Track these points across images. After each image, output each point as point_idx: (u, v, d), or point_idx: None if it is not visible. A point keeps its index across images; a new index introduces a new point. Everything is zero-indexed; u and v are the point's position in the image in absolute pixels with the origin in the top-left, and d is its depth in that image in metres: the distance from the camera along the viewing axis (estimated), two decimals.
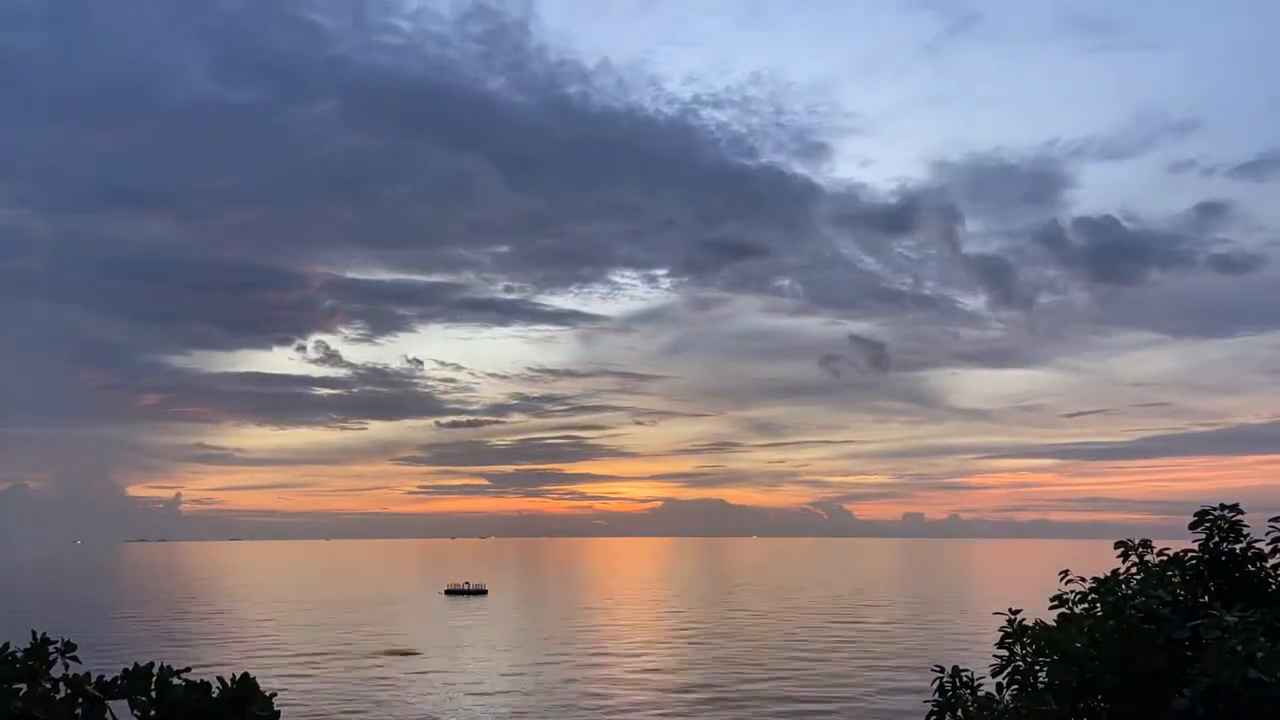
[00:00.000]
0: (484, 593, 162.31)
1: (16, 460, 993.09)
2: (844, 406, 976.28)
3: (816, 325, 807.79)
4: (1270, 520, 10.27)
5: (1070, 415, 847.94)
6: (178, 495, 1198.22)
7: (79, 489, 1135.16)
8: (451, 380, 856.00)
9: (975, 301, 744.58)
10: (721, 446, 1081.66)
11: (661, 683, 70.65)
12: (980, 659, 11.92)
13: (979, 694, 10.37)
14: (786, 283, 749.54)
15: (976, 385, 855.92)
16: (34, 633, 7.29)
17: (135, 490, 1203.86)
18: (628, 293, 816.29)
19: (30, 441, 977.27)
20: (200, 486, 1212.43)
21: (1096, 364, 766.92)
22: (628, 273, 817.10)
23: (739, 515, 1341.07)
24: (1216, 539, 10.64)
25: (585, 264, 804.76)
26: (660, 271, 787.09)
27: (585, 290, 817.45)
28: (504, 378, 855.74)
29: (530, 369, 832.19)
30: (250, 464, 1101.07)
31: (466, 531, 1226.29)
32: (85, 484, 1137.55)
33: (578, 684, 70.02)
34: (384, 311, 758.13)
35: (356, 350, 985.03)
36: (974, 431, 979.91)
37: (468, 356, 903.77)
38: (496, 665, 78.50)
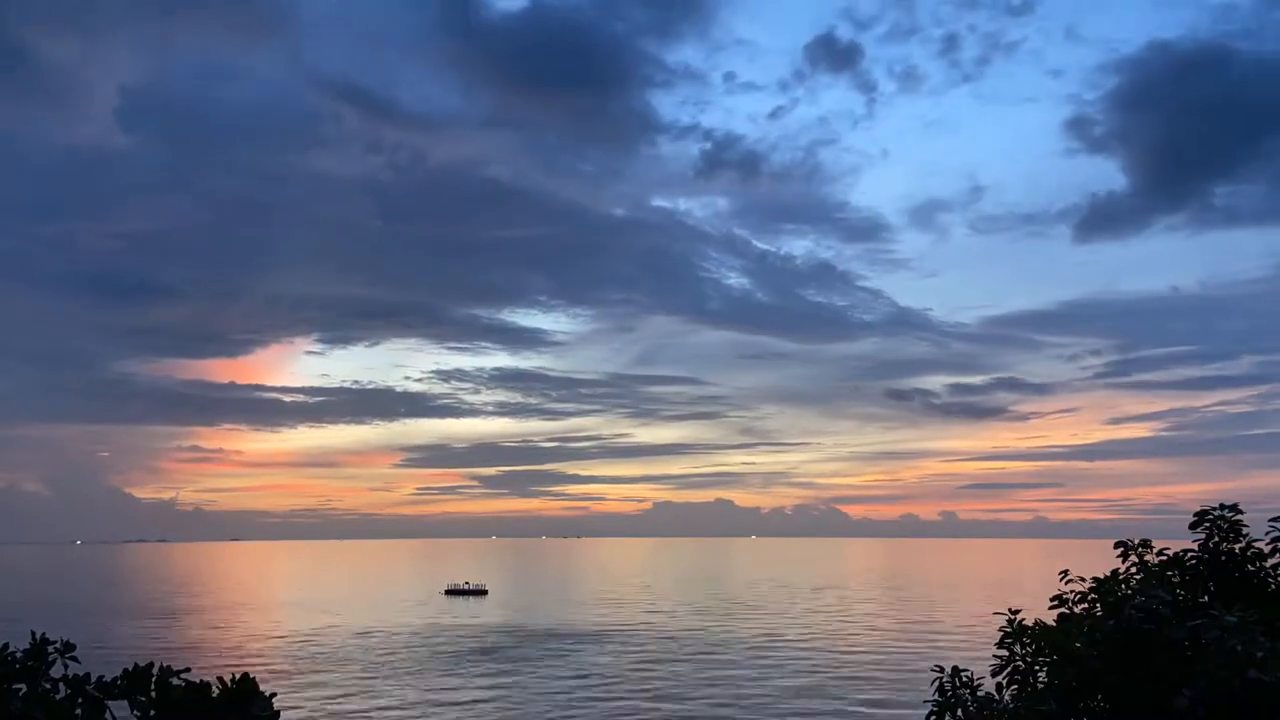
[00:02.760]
0: (484, 593, 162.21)
1: (16, 461, 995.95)
2: (828, 412, 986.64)
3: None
4: (1270, 520, 10.28)
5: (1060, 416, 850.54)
6: (176, 496, 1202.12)
7: (78, 490, 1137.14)
8: (440, 386, 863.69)
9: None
10: (709, 449, 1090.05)
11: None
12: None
13: (979, 694, 10.37)
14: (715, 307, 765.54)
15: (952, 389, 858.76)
16: (33, 633, 7.30)
17: (135, 491, 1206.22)
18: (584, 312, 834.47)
19: (30, 442, 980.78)
20: (199, 487, 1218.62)
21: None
22: (588, 293, 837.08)
23: (735, 516, 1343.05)
24: (1216, 539, 10.63)
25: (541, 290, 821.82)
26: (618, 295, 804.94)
27: (547, 309, 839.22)
28: (488, 385, 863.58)
29: (514, 376, 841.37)
30: (249, 465, 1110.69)
31: (465, 533, 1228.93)
32: (84, 485, 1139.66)
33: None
34: (364, 324, 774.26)
35: (343, 358, 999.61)
36: (961, 435, 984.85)
37: (450, 365, 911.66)
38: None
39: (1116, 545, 11.03)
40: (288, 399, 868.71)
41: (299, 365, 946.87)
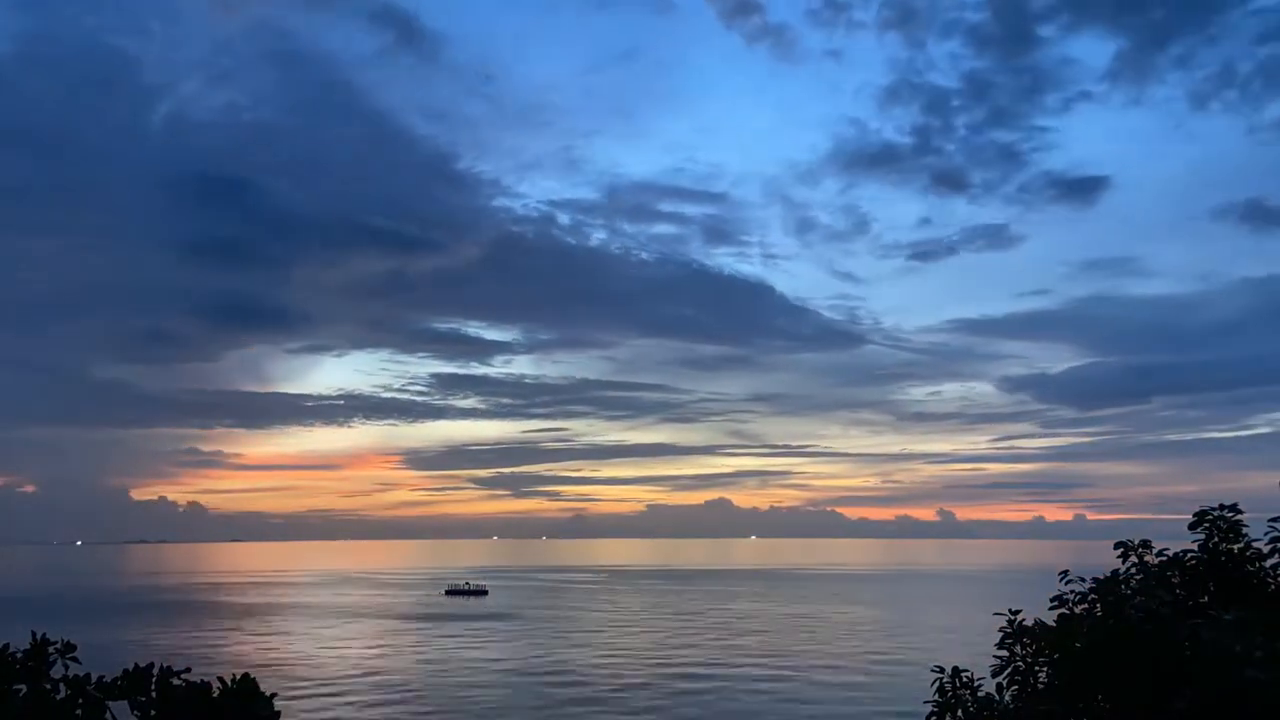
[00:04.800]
0: (484, 593, 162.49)
1: (17, 462, 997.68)
2: (819, 419, 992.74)
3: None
4: (1269, 520, 10.27)
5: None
6: (175, 498, 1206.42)
7: (78, 491, 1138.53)
8: (427, 392, 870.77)
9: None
10: (702, 452, 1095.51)
11: None
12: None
13: (979, 694, 10.36)
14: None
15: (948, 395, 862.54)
16: (34, 633, 7.30)
17: (134, 493, 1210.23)
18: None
19: (30, 444, 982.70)
20: (198, 489, 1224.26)
21: None
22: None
23: (734, 517, 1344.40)
24: (1216, 539, 10.62)
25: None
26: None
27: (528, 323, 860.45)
28: (473, 391, 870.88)
29: (509, 381, 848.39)
30: (247, 468, 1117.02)
31: (465, 534, 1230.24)
32: (84, 486, 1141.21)
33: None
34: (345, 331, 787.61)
35: (333, 364, 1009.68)
36: (955, 437, 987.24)
37: (429, 371, 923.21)
38: None
39: (1116, 545, 11.02)
40: (285, 403, 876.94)
41: (291, 370, 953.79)
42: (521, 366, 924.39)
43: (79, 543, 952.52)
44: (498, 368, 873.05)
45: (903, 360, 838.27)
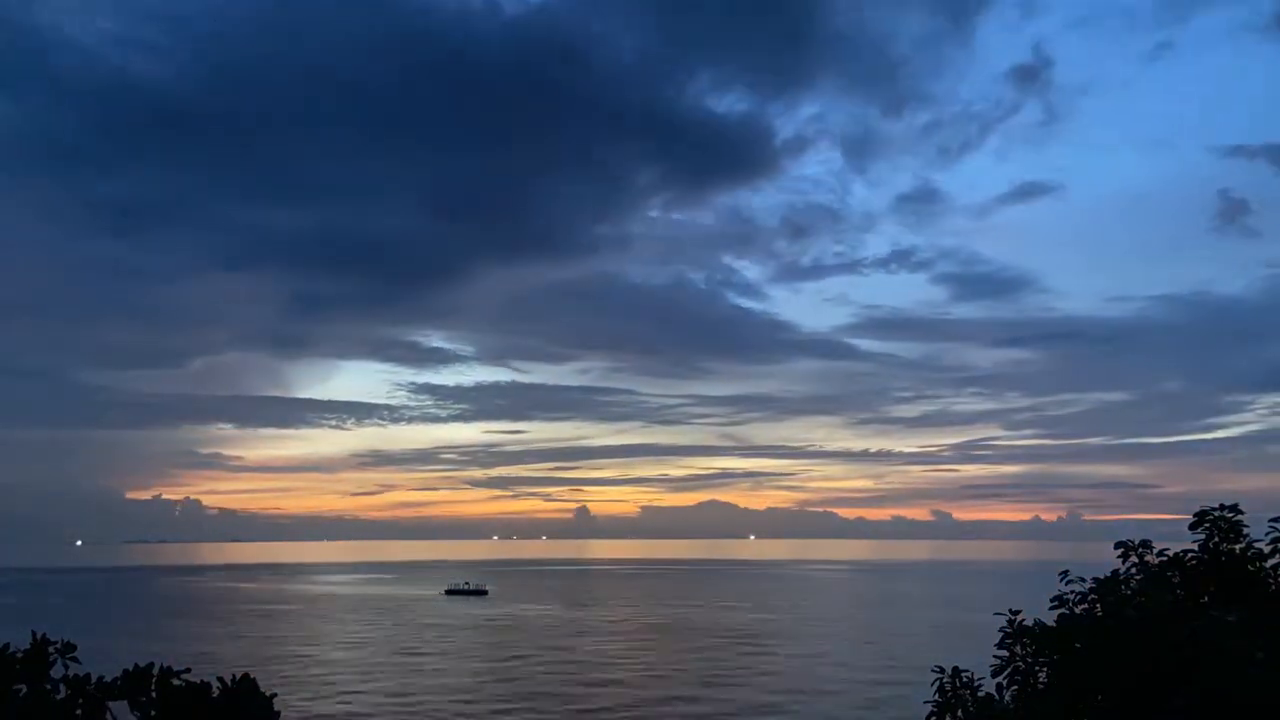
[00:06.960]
0: (484, 593, 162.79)
1: (17, 462, 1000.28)
2: (811, 423, 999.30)
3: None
4: (1270, 520, 10.27)
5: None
6: (172, 499, 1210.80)
7: (78, 492, 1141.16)
8: (417, 397, 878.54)
9: None
10: (698, 453, 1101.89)
11: None
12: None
13: (979, 694, 10.35)
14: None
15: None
16: (34, 633, 7.30)
17: (132, 494, 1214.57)
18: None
19: (30, 445, 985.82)
20: (197, 490, 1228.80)
21: None
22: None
23: (731, 518, 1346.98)
24: (1216, 539, 10.61)
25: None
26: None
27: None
28: (471, 397, 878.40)
29: (492, 386, 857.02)
30: (245, 470, 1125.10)
31: (464, 535, 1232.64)
32: (84, 487, 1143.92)
33: None
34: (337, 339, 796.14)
35: (329, 370, 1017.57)
36: (950, 438, 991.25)
37: (411, 379, 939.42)
38: None
39: (1117, 546, 11.01)
40: (282, 406, 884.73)
41: (289, 374, 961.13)
42: (503, 374, 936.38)
43: (79, 543, 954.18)
44: (469, 375, 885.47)
45: (897, 361, 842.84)
